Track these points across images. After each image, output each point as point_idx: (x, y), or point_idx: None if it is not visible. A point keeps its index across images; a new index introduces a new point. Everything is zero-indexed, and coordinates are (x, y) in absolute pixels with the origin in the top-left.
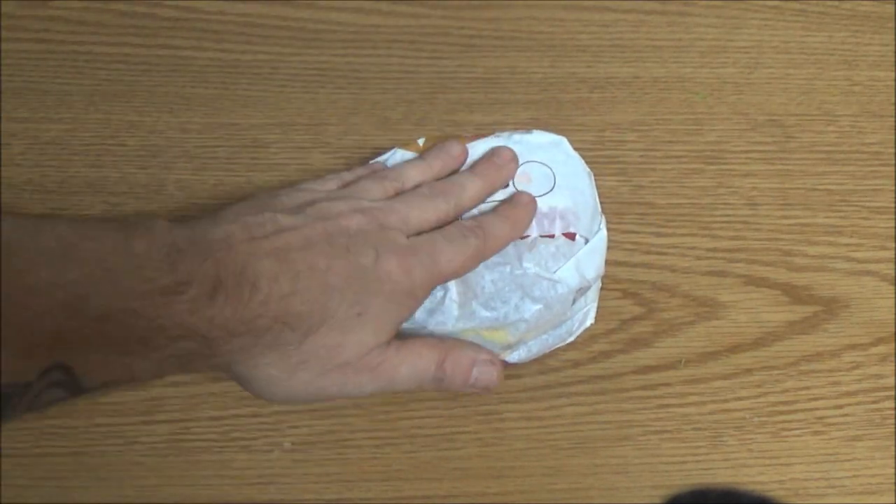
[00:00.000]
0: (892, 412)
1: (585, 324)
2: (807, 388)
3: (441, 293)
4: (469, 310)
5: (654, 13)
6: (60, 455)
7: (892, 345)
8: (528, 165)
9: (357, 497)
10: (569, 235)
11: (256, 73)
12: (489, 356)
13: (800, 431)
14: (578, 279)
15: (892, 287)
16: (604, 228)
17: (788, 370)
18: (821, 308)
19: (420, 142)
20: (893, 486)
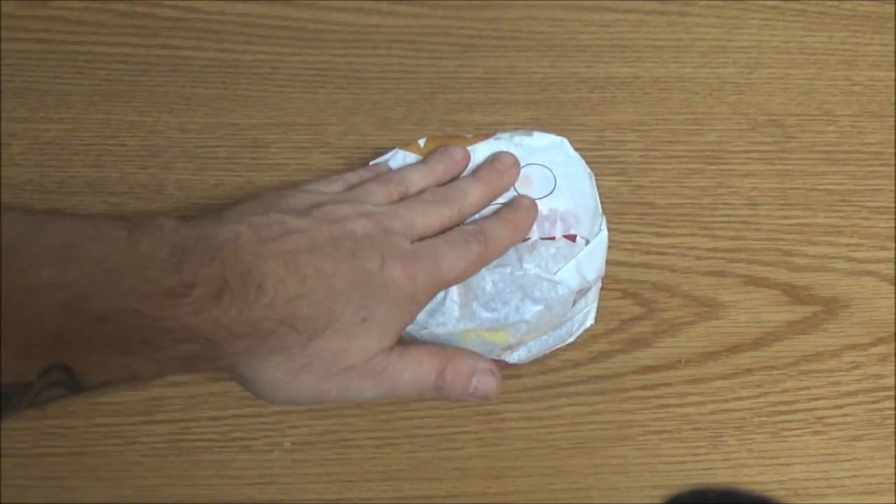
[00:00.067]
0: (892, 412)
1: (585, 324)
2: (807, 388)
3: (442, 294)
4: (470, 311)
5: (654, 13)
6: (60, 455)
7: (892, 345)
8: (529, 168)
9: (357, 497)
10: (569, 237)
11: (256, 73)
12: (489, 365)
13: (800, 431)
14: (579, 280)
15: (892, 287)
16: (604, 229)
17: (788, 370)
18: (821, 308)
19: (421, 142)
20: (893, 486)
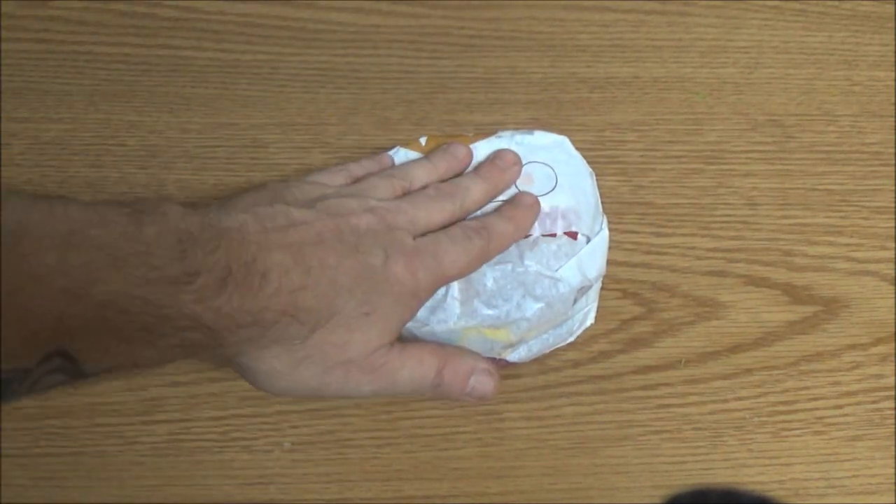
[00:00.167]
0: (892, 412)
1: (586, 324)
2: (807, 388)
3: (443, 291)
4: (471, 307)
5: (654, 13)
6: (60, 455)
7: (892, 345)
8: (530, 166)
9: (357, 497)
10: (571, 234)
11: (256, 73)
12: (487, 366)
13: (800, 431)
14: (580, 278)
15: (892, 287)
16: (605, 228)
17: (788, 370)
18: (821, 308)
19: (422, 140)
20: (893, 486)
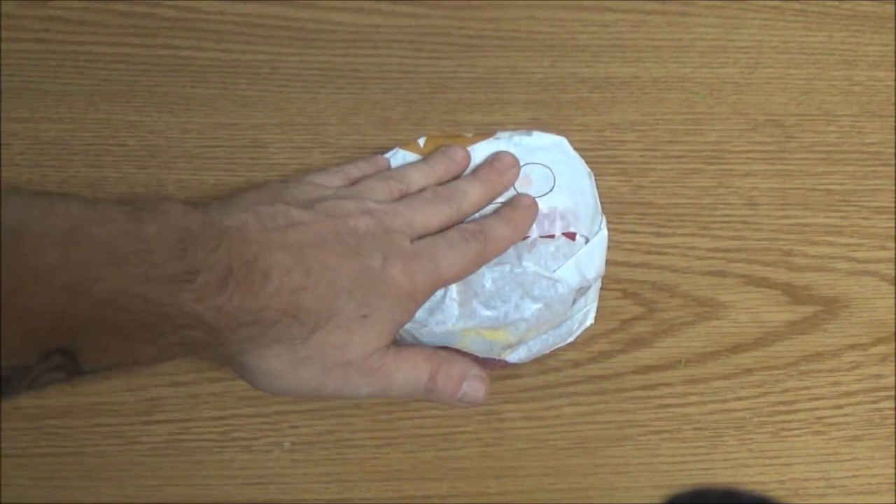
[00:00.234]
0: (892, 412)
1: (585, 324)
2: (807, 388)
3: (441, 292)
4: (469, 309)
5: (654, 13)
6: (60, 455)
7: (892, 345)
8: (529, 167)
9: (357, 497)
10: (569, 235)
11: (256, 73)
12: (479, 372)
13: (800, 431)
14: (579, 278)
15: (892, 287)
16: (604, 228)
17: (788, 370)
18: (821, 308)
19: (420, 142)
20: (893, 486)
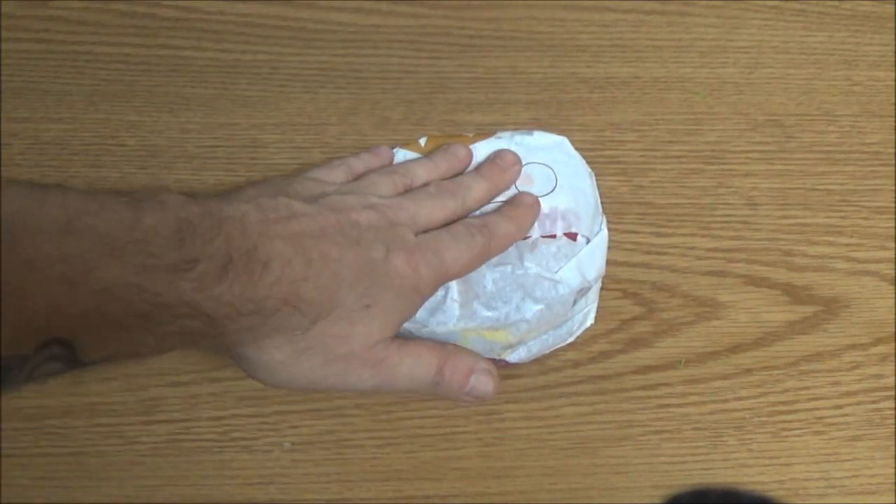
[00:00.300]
0: (892, 412)
1: (585, 324)
2: (807, 388)
3: (442, 293)
4: (470, 309)
5: (654, 13)
6: (60, 455)
7: (892, 345)
8: (530, 167)
9: (357, 497)
10: (570, 235)
11: (256, 73)
12: (487, 366)
13: (800, 431)
14: (580, 279)
15: (892, 287)
16: (605, 229)
17: (788, 370)
18: (821, 308)
19: (421, 141)
20: (893, 486)
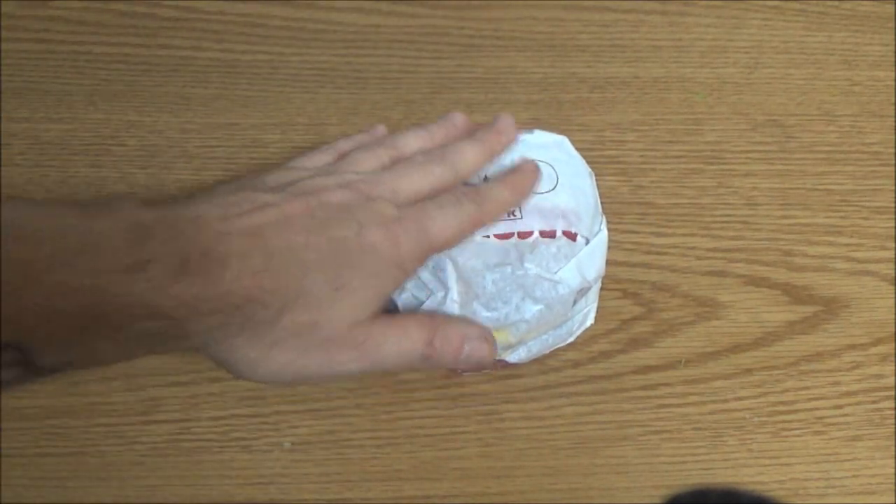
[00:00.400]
0: (892, 412)
1: (585, 324)
2: (807, 388)
3: (442, 293)
4: (470, 310)
5: (654, 13)
6: (60, 455)
7: (892, 345)
8: None
9: (357, 497)
10: (570, 235)
11: (256, 73)
12: (481, 332)
13: (800, 431)
14: (579, 280)
15: (892, 287)
16: (604, 229)
17: (788, 370)
18: (821, 308)
19: None
20: (893, 486)
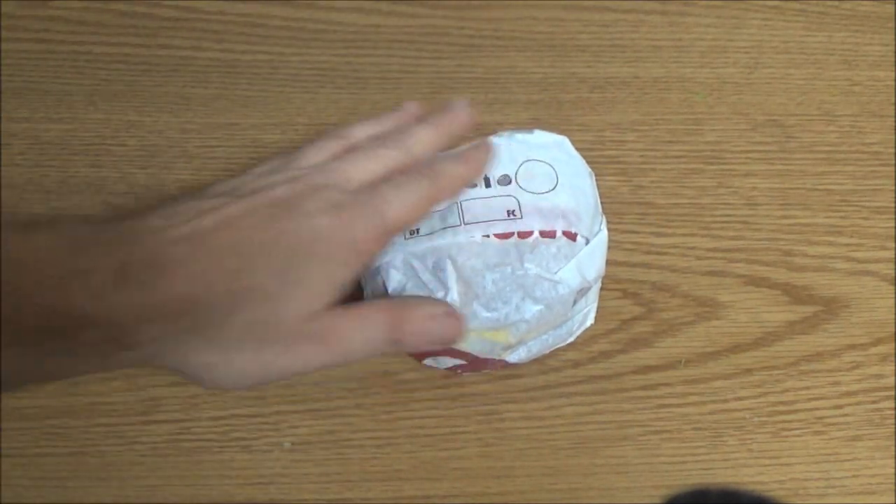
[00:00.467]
0: (892, 412)
1: (585, 324)
2: (807, 388)
3: (442, 293)
4: (470, 310)
5: (654, 13)
6: (60, 455)
7: (892, 345)
8: (531, 164)
9: (357, 497)
10: (570, 235)
11: (256, 73)
12: (446, 309)
13: (800, 431)
14: (579, 280)
15: (892, 287)
16: (604, 229)
17: (788, 370)
18: (821, 308)
19: None
20: (893, 486)
